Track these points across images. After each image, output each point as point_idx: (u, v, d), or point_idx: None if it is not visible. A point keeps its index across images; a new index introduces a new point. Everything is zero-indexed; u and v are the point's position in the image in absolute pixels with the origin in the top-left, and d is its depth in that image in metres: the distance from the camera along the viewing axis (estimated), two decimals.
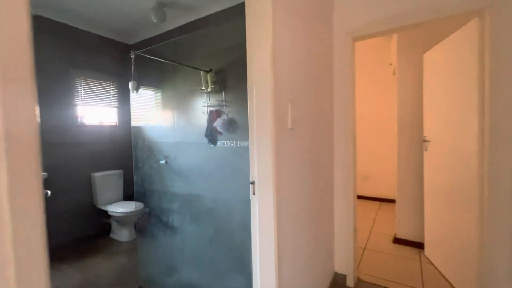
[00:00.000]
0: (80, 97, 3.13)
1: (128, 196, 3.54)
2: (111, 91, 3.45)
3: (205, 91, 2.70)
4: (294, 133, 1.40)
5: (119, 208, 2.96)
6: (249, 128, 1.22)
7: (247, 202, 2.51)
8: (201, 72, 2.63)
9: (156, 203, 3.54)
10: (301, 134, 1.53)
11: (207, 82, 2.65)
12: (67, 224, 3.01)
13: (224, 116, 2.64)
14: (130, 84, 2.39)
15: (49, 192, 1.16)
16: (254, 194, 1.20)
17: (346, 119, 2.20)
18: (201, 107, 2.80)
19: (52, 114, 2.88)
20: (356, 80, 2.70)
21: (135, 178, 3.60)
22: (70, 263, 2.56)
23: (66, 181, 3.00)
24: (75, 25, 3.03)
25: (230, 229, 2.68)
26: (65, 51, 2.98)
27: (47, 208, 0.57)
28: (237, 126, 2.58)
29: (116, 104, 3.50)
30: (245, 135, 2.55)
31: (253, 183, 1.20)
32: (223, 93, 2.66)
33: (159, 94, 3.42)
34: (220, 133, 2.67)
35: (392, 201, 4.00)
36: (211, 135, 2.73)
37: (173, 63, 2.64)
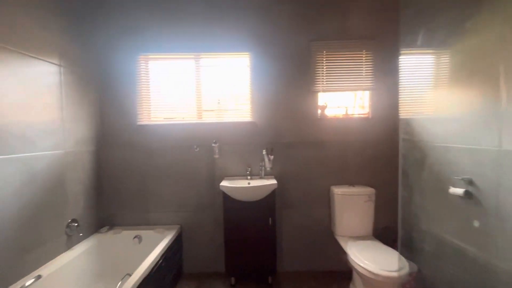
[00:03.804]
0: (321, 79, 2.26)
1: (379, 231, 2.21)
2: (363, 66, 2.25)
3: None
4: None
5: (364, 260, 1.71)
6: None
7: None
8: None
9: (434, 264, 1.82)
10: None
11: None
12: (303, 246, 2.30)
13: None
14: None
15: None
16: None
17: None
18: None
19: (290, 105, 2.25)
20: None
21: (400, 208, 2.13)
22: None
23: (300, 191, 2.28)
24: None
25: None
26: (304, 19, 2.22)
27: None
28: None
29: (369, 84, 2.26)
30: None
31: None
32: None
33: (450, 54, 1.66)
34: None
35: None
36: None
37: None
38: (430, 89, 1.84)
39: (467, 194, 1.47)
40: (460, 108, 1.58)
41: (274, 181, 2.06)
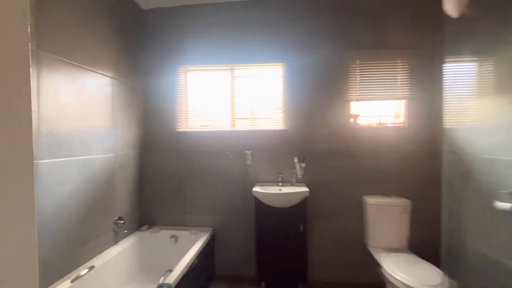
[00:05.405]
0: (354, 88, 2.26)
1: (415, 245, 2.12)
2: (399, 75, 2.22)
3: None
4: None
5: (401, 273, 1.66)
6: None
7: None
8: None
9: (477, 282, 1.70)
10: None
11: None
12: (334, 256, 2.28)
13: None
14: None
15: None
16: None
17: None
18: None
19: (322, 114, 2.27)
20: None
21: (444, 222, 2.03)
22: None
23: (332, 201, 2.28)
24: None
25: None
26: (338, 30, 2.25)
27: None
28: None
29: (406, 93, 2.22)
30: None
31: None
32: None
33: (495, 61, 1.59)
34: None
35: None
36: None
37: None
38: (474, 98, 1.77)
39: None
40: (507, 118, 1.50)
41: (306, 189, 2.09)
